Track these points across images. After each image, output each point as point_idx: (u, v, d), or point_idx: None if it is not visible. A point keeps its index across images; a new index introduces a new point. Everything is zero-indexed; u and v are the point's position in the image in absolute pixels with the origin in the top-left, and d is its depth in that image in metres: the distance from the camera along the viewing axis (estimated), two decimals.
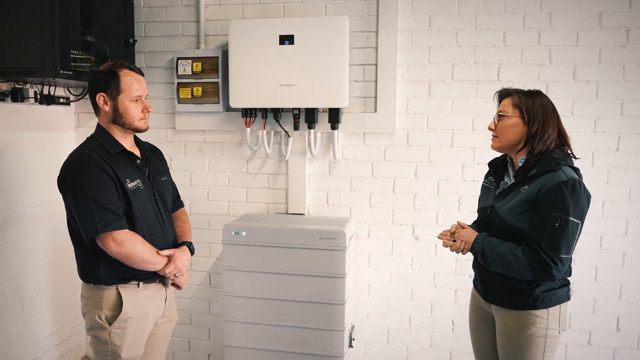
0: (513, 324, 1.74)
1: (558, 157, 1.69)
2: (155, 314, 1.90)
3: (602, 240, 2.58)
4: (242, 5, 2.77)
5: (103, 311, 1.79)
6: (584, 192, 1.64)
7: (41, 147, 2.70)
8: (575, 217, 1.61)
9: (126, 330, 1.79)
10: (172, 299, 2.03)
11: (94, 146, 1.79)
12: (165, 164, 2.07)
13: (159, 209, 1.90)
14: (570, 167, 1.68)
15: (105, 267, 1.77)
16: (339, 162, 2.76)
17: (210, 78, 2.74)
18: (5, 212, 2.48)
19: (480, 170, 2.62)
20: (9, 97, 2.42)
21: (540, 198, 1.63)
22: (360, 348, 2.85)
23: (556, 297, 1.72)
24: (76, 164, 1.74)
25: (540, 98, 1.75)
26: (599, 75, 2.49)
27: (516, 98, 1.76)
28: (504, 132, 1.76)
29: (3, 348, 2.48)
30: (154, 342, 1.97)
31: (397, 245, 2.76)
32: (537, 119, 1.70)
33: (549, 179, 1.63)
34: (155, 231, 1.87)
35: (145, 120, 1.86)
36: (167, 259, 1.87)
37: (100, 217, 1.68)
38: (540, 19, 2.51)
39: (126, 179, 1.78)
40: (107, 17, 2.72)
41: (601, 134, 2.52)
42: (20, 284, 2.58)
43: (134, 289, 1.82)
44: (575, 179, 1.63)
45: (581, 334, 2.64)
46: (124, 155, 1.83)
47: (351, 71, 2.66)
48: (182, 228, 2.04)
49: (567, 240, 1.61)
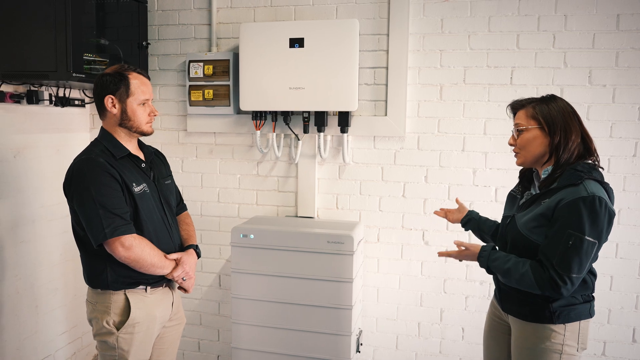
0: (528, 337, 1.69)
1: (583, 169, 1.59)
2: (163, 318, 1.91)
3: (617, 248, 2.51)
4: (254, 8, 2.78)
5: (111, 316, 1.79)
6: (604, 210, 1.52)
7: (56, 148, 2.75)
8: (591, 237, 1.51)
9: (134, 335, 1.80)
10: (179, 302, 2.04)
11: (100, 150, 1.78)
12: (169, 167, 2.08)
13: (164, 212, 1.90)
14: (596, 181, 1.57)
15: (113, 272, 1.77)
16: (348, 165, 2.75)
17: (222, 81, 2.76)
18: (21, 212, 2.53)
19: (492, 175, 2.59)
20: (24, 99, 2.47)
21: (557, 213, 1.55)
22: (368, 353, 2.83)
23: (575, 313, 1.64)
24: (82, 169, 1.73)
25: (556, 103, 1.65)
26: (616, 79, 2.42)
27: (530, 109, 1.67)
28: (526, 146, 1.67)
29: (17, 345, 2.53)
30: (163, 346, 1.98)
31: (407, 250, 2.73)
32: (558, 127, 1.61)
33: (568, 194, 1.54)
34: (162, 235, 1.87)
35: (150, 124, 1.87)
36: (175, 262, 1.87)
37: (109, 222, 1.68)
38: (555, 22, 2.45)
39: (133, 183, 1.78)
40: (121, 20, 2.76)
41: (618, 140, 2.45)
42: (34, 282, 2.63)
43: (142, 294, 1.83)
44: (595, 196, 1.51)
45: (595, 344, 2.58)
46: (130, 159, 1.84)
47: (361, 74, 2.65)
48: (188, 231, 2.05)
49: (580, 260, 1.52)
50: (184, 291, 1.96)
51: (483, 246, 1.74)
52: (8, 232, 2.46)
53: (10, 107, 2.44)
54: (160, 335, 1.95)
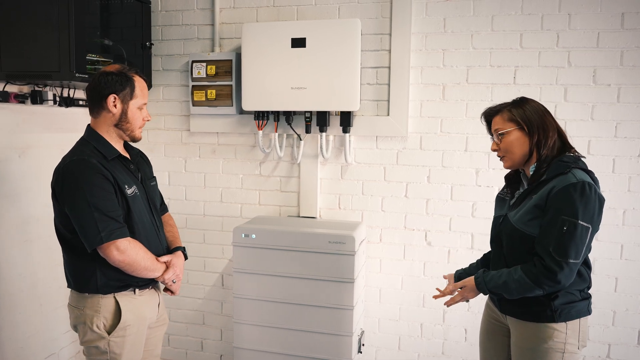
0: (529, 337, 1.68)
1: (569, 160, 1.64)
2: (150, 320, 1.90)
3: (622, 249, 2.48)
4: (256, 8, 2.78)
5: (101, 320, 1.75)
6: (594, 195, 1.57)
7: (60, 148, 2.73)
8: (584, 221, 1.55)
9: (125, 338, 1.77)
10: (163, 303, 2.02)
11: (89, 151, 1.73)
12: (152, 168, 2.05)
13: (152, 214, 1.88)
14: (582, 170, 1.62)
15: (103, 275, 1.73)
16: (351, 165, 2.74)
17: (224, 81, 2.76)
18: (26, 211, 2.55)
19: (495, 176, 2.57)
20: (28, 100, 2.49)
21: (549, 201, 1.59)
22: (370, 353, 2.82)
23: (575, 310, 1.65)
24: (74, 170, 1.68)
25: (529, 104, 1.71)
26: (621, 78, 2.39)
27: (506, 112, 1.71)
28: (509, 149, 1.71)
29: (21, 343, 2.55)
30: (149, 347, 1.96)
31: (409, 251, 2.72)
32: (535, 126, 1.66)
33: (558, 182, 1.59)
34: (152, 237, 1.85)
35: (141, 130, 1.85)
36: (165, 265, 1.86)
37: (104, 226, 1.64)
38: (559, 20, 2.43)
39: (125, 185, 1.74)
40: (125, 21, 2.78)
41: (622, 139, 2.43)
42: (39, 281, 2.65)
43: (131, 296, 1.80)
44: (585, 181, 1.56)
45: (600, 346, 2.55)
46: (119, 160, 1.80)
47: (364, 74, 2.64)
48: (173, 233, 2.02)
49: (576, 245, 1.55)
50: (171, 294, 1.92)
51: (474, 275, 1.76)
52: (12, 230, 2.48)
53: (15, 107, 2.46)
54: (147, 336, 1.92)
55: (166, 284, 1.88)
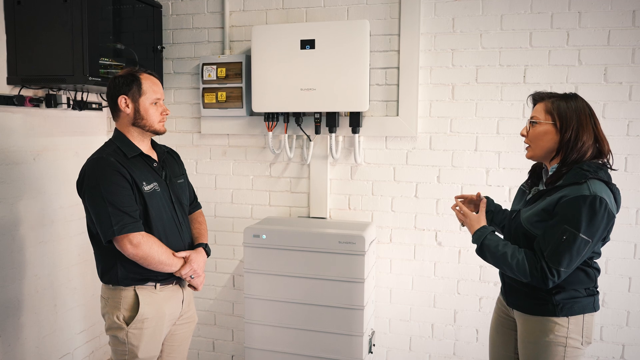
0: (532, 330, 1.70)
1: (589, 168, 1.59)
2: (172, 315, 1.94)
3: (636, 249, 2.45)
4: (266, 10, 2.81)
5: (121, 312, 1.84)
6: (603, 211, 1.53)
7: (74, 151, 2.81)
8: (586, 235, 1.52)
9: (143, 330, 1.84)
10: (191, 301, 2.07)
11: (112, 150, 1.83)
12: (182, 166, 2.12)
13: (175, 211, 1.94)
14: (601, 181, 1.57)
15: (123, 268, 1.82)
16: (360, 166, 2.75)
17: (234, 83, 2.79)
18: (40, 213, 2.60)
19: (506, 175, 2.56)
20: (43, 103, 2.54)
21: (557, 208, 1.57)
22: (381, 354, 2.82)
23: (579, 306, 1.65)
24: (93, 168, 1.79)
25: (575, 102, 1.65)
26: (632, 76, 2.37)
27: (549, 103, 1.66)
28: (535, 140, 1.68)
29: (36, 342, 2.60)
30: (174, 343, 2.01)
31: (420, 251, 2.72)
32: (570, 126, 1.61)
33: (571, 191, 1.56)
34: (171, 233, 1.91)
35: (163, 123, 1.91)
36: (183, 260, 1.90)
37: (118, 220, 1.73)
38: (569, 19, 2.42)
39: (142, 182, 1.82)
40: (137, 25, 2.82)
41: (635, 138, 2.40)
42: (53, 281, 2.70)
43: (151, 290, 1.87)
44: (596, 196, 1.52)
45: (614, 347, 2.52)
46: (141, 158, 1.88)
47: (373, 75, 2.65)
48: (199, 230, 2.08)
49: (571, 255, 1.54)
50: (194, 289, 1.99)
51: (484, 225, 1.74)
52: (28, 232, 2.53)
53: (30, 110, 2.51)
54: (171, 333, 1.98)
55: (185, 279, 1.93)
